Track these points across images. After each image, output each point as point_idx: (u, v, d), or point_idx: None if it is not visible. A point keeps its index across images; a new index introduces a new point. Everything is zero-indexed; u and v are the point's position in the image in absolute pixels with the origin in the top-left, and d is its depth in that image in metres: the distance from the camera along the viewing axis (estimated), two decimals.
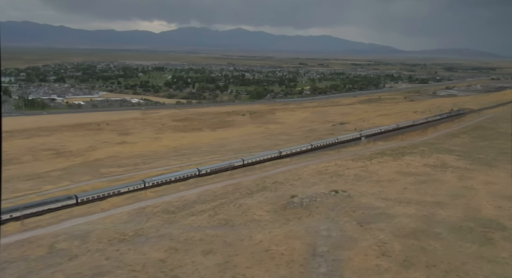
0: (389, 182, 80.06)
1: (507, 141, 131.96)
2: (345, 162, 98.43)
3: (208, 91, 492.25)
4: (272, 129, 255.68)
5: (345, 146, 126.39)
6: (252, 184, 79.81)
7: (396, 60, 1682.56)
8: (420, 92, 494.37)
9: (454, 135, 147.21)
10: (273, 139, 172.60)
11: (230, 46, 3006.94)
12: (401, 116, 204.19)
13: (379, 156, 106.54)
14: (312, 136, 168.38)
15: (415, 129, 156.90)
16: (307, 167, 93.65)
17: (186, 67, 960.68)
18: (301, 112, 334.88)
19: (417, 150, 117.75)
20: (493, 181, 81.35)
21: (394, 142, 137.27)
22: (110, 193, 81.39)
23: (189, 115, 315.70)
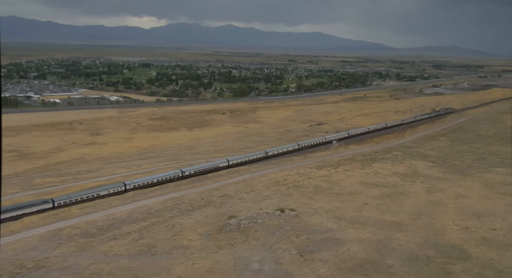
0: (350, 195, 71.87)
1: (485, 145, 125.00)
2: (308, 170, 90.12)
3: (191, 88, 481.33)
4: (251, 129, 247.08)
5: (315, 150, 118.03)
6: (197, 198, 71.09)
7: (385, 57, 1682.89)
8: (406, 90, 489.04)
9: (432, 138, 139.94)
10: (245, 141, 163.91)
11: (220, 42, 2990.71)
12: (381, 117, 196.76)
13: (347, 163, 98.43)
14: (286, 138, 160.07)
15: (392, 131, 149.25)
16: (264, 176, 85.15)
17: (173, 63, 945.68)
18: (284, 111, 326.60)
19: (390, 155, 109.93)
20: (464, 193, 73.61)
21: (368, 145, 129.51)
22: (89, 196, 78.41)
23: (168, 114, 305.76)
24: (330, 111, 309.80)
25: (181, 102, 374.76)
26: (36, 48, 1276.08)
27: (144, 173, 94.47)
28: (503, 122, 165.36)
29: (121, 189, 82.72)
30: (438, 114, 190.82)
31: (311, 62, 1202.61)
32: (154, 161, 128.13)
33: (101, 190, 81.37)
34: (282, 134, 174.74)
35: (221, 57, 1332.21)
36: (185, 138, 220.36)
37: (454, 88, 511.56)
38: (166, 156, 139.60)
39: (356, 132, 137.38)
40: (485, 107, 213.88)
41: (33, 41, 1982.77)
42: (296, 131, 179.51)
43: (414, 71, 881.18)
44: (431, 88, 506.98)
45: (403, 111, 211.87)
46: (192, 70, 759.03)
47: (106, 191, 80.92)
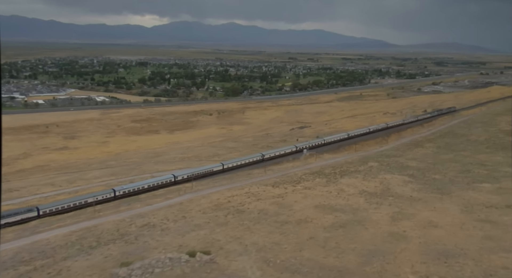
0: (298, 224, 59.67)
1: (474, 153, 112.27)
2: (262, 188, 77.93)
3: (183, 88, 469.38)
4: (234, 132, 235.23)
5: (282, 161, 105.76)
6: (112, 229, 59.06)
7: (387, 54, 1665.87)
8: (404, 88, 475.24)
9: (417, 145, 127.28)
10: (218, 147, 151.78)
11: (222, 40, 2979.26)
12: (368, 119, 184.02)
13: (311, 178, 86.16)
14: (261, 144, 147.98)
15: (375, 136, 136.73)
16: (207, 197, 73.00)
17: (171, 62, 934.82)
18: (274, 111, 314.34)
19: (365, 166, 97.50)
20: (437, 220, 61.23)
21: (345, 153, 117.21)
22: (76, 203, 76.52)
23: (152, 115, 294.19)
24: (321, 112, 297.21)
25: (169, 102, 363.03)
26: (36, 47, 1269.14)
27: (70, 192, 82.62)
28: (497, 125, 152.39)
29: (110, 195, 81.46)
30: (440, 113, 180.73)
31: (312, 60, 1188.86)
32: (108, 172, 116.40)
33: (89, 196, 79.56)
34: (259, 139, 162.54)
35: (221, 55, 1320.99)
36: (162, 142, 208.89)
37: (454, 86, 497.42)
38: (126, 165, 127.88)
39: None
40: (481, 107, 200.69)
41: (35, 40, 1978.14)
42: (275, 135, 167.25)
43: (415, 69, 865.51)
44: (430, 86, 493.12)
45: (393, 113, 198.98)
46: (188, 69, 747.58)
47: (94, 198, 79.17)
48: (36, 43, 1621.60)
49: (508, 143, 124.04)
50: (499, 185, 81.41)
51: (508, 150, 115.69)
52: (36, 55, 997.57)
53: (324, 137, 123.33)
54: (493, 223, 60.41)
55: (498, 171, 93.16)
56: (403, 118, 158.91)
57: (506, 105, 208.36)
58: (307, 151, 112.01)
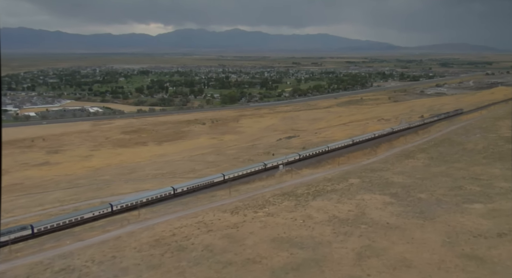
0: (242, 267, 49.98)
1: (469, 164, 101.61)
2: (218, 216, 68.29)
3: (181, 96, 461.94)
4: (225, 142, 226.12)
5: (253, 179, 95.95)
6: (21, 276, 49.64)
7: (392, 56, 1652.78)
8: (407, 91, 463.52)
9: (408, 156, 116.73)
10: (198, 161, 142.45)
11: (226, 47, 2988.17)
12: (360, 127, 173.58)
13: (279, 201, 76.34)
14: (243, 157, 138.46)
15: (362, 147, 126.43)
16: (151, 229, 63.49)
17: (174, 70, 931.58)
18: (270, 118, 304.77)
19: (344, 184, 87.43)
20: (411, 258, 51.10)
21: (327, 168, 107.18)
22: (72, 220, 73.74)
23: (144, 125, 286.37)
24: (318, 118, 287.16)
25: (164, 112, 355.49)
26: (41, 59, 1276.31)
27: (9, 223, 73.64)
28: (497, 131, 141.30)
29: (107, 210, 78.79)
30: (447, 116, 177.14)
31: (315, 64, 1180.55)
32: (72, 193, 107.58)
33: (85, 212, 76.38)
34: (244, 151, 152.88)
35: (225, 61, 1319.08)
36: (147, 155, 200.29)
37: (458, 88, 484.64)
38: (95, 184, 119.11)
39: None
40: (481, 111, 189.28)
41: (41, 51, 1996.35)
42: (260, 147, 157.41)
43: (419, 70, 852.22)
44: (434, 88, 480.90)
45: (388, 119, 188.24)
46: (190, 76, 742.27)
47: (91, 214, 76.53)
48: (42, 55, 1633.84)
49: (507, 152, 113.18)
50: (492, 206, 70.94)
51: (506, 160, 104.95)
52: (39, 66, 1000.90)
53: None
54: (479, 260, 50.16)
55: (493, 186, 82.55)
56: (392, 127, 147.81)
57: (508, 108, 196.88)
58: (284, 166, 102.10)
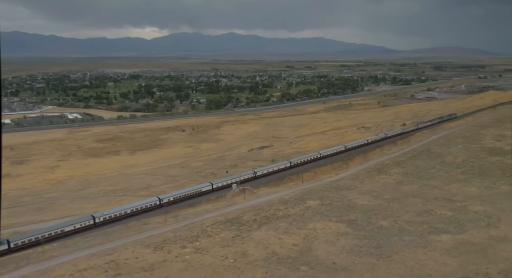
0: None
1: (445, 182, 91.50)
2: (137, 253, 57.67)
3: (166, 101, 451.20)
4: (201, 151, 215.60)
5: (200, 200, 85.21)
6: None
7: (387, 60, 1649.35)
8: (397, 95, 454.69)
9: (381, 170, 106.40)
10: (159, 175, 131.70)
11: (222, 50, 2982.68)
12: (338, 137, 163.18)
13: (218, 230, 65.78)
14: (206, 170, 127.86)
15: (332, 160, 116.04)
16: (50, 273, 52.75)
17: (165, 74, 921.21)
18: (253, 125, 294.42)
19: (300, 208, 76.98)
20: None
21: (288, 186, 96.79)
22: (52, 233, 69.27)
23: (121, 133, 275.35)
24: (302, 125, 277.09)
25: (145, 118, 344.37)
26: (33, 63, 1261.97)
27: None
28: (481, 141, 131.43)
29: (90, 222, 74.82)
30: (441, 121, 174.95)
31: (309, 68, 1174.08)
32: (7, 214, 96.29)
33: (67, 225, 72.41)
34: (211, 163, 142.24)
35: (219, 65, 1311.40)
36: (116, 165, 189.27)
37: (449, 92, 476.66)
38: (38, 203, 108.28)
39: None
40: (466, 119, 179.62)
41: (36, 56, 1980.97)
42: (229, 159, 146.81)
43: (412, 74, 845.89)
44: (425, 92, 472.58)
45: (368, 127, 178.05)
46: (180, 81, 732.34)
47: (72, 226, 72.67)
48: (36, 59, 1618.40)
49: (488, 166, 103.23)
50: (461, 237, 60.67)
51: (486, 176, 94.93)
52: (29, 70, 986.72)
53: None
54: None
55: (466, 210, 72.30)
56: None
57: (496, 114, 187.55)
58: (238, 185, 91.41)
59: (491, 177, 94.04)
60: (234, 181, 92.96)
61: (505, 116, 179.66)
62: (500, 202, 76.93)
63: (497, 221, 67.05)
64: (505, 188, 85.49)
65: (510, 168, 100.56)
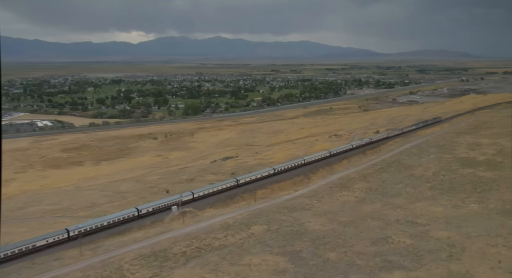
0: None
1: (411, 200, 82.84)
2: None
3: (144, 107, 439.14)
4: (169, 160, 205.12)
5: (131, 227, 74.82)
6: None
7: (372, 63, 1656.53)
8: (379, 99, 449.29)
9: (344, 186, 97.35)
10: (109, 191, 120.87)
11: (208, 54, 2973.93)
12: (306, 146, 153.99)
13: (137, 267, 55.87)
14: (163, 184, 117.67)
15: (293, 175, 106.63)
16: None
17: (148, 78, 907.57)
18: (228, 131, 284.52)
19: (241, 235, 67.33)
20: None
21: (238, 206, 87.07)
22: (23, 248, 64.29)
23: (90, 141, 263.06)
24: (279, 131, 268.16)
25: (118, 125, 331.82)
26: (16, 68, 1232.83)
27: None
28: (454, 151, 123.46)
29: (63, 236, 70.27)
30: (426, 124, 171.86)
31: (295, 71, 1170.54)
32: None
33: (38, 239, 67.26)
34: (168, 177, 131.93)
35: (205, 69, 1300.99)
36: (76, 177, 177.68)
37: (431, 95, 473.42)
38: None
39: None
40: (442, 125, 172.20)
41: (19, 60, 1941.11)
42: (189, 171, 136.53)
43: (396, 77, 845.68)
44: (407, 96, 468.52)
45: (340, 135, 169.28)
46: (162, 86, 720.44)
47: (45, 241, 67.62)
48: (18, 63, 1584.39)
49: (459, 179, 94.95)
50: (416, 275, 51.65)
51: (455, 192, 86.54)
52: (9, 76, 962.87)
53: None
54: None
55: (428, 238, 63.46)
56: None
57: (473, 120, 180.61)
58: (178, 208, 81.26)
59: (461, 193, 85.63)
60: (170, 203, 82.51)
61: (481, 122, 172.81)
62: (467, 225, 68.35)
63: (460, 251, 58.26)
64: (474, 207, 77.02)
65: (481, 182, 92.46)
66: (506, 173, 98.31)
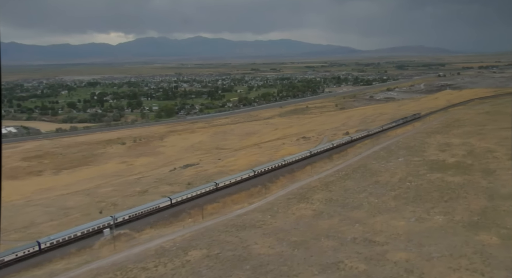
0: None
1: (371, 212, 75.60)
2: None
3: (117, 110, 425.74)
4: (134, 167, 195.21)
5: (49, 258, 65.51)
6: None
7: (351, 60, 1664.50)
8: (356, 96, 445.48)
9: (303, 197, 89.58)
10: (53, 207, 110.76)
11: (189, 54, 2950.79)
12: (272, 151, 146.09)
13: None
14: (110, 200, 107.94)
15: (250, 185, 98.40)
16: None
17: (126, 80, 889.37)
18: (200, 134, 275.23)
19: (176, 262, 58.75)
20: None
21: (182, 224, 78.36)
22: None
23: (55, 148, 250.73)
24: (252, 133, 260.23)
25: (87, 130, 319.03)
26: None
27: None
28: (424, 153, 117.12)
29: (34, 249, 66.47)
30: (405, 121, 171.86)
31: (274, 70, 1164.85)
32: None
33: (6, 254, 63.27)
34: (121, 188, 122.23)
35: (184, 70, 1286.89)
36: (32, 189, 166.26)
37: (408, 91, 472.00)
38: None
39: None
40: (414, 124, 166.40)
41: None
42: (144, 182, 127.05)
43: (375, 74, 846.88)
44: (384, 93, 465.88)
45: (308, 138, 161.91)
46: (139, 87, 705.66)
47: (14, 255, 63.67)
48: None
49: (426, 186, 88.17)
50: None
51: (420, 201, 79.57)
52: None
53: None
54: None
55: (385, 261, 55.90)
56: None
57: (446, 118, 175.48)
58: (111, 231, 72.07)
59: (426, 203, 78.68)
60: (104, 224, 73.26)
61: (454, 120, 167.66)
62: (429, 242, 61.13)
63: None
64: (439, 219, 70.02)
65: (449, 188, 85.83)
66: (475, 177, 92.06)
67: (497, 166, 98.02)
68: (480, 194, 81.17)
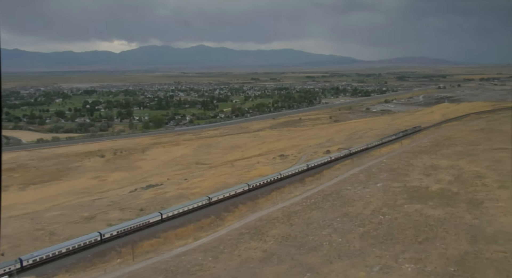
0: None
1: (328, 258, 63.35)
2: None
3: (105, 119, 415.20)
4: (107, 183, 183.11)
5: None
6: None
7: (353, 70, 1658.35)
8: (352, 108, 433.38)
9: (258, 231, 77.19)
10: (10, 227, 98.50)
11: (191, 63, 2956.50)
12: (244, 171, 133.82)
13: None
14: (51, 227, 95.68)
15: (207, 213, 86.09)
16: None
17: (124, 88, 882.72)
18: (184, 147, 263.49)
19: None
20: None
21: (107, 266, 65.86)
22: None
23: (30, 160, 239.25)
24: (237, 146, 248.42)
25: (69, 141, 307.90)
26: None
27: None
28: (407, 177, 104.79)
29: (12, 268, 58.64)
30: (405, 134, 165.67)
31: (275, 80, 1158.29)
32: None
33: None
34: (72, 211, 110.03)
35: (185, 78, 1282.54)
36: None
37: (406, 103, 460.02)
38: None
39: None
40: (402, 141, 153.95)
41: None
42: (98, 205, 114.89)
43: (375, 84, 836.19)
44: (381, 105, 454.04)
45: (286, 156, 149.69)
46: (135, 96, 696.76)
47: None
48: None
49: (401, 221, 75.65)
50: None
51: (391, 242, 67.06)
52: None
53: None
54: None
55: None
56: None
57: (437, 135, 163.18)
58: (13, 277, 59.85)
59: (397, 244, 66.25)
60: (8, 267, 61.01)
61: (445, 137, 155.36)
62: None
63: None
64: (407, 269, 57.54)
65: (427, 225, 73.41)
66: (458, 209, 79.64)
67: (485, 196, 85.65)
68: (461, 233, 68.76)
